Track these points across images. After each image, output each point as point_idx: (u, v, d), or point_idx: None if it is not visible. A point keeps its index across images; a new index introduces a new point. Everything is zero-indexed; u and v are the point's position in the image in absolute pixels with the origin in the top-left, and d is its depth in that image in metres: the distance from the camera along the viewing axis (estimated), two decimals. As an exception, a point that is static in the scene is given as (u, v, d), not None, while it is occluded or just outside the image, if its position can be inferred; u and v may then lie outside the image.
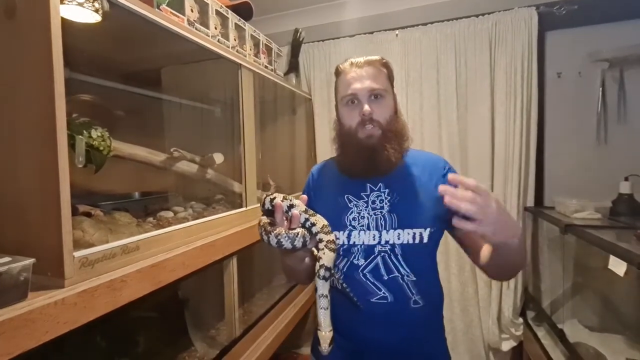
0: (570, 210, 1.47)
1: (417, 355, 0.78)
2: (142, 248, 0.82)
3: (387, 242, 0.77)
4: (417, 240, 0.76)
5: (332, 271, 0.66)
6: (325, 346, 0.62)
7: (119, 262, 0.76)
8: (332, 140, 0.87)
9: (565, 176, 1.73)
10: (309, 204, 0.70)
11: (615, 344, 1.36)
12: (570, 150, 1.73)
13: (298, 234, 0.63)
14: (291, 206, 0.65)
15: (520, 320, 1.74)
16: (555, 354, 1.40)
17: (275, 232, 0.63)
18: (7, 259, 0.57)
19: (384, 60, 0.83)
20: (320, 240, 0.65)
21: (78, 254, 0.66)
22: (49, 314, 0.58)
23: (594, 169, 1.68)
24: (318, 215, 0.67)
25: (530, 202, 1.72)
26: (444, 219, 0.75)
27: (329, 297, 0.64)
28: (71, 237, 0.64)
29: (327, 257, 0.63)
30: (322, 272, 0.63)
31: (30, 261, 0.58)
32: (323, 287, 0.64)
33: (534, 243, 1.78)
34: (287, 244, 0.62)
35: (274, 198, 0.66)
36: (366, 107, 0.77)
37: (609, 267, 1.04)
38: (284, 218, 0.66)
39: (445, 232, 0.82)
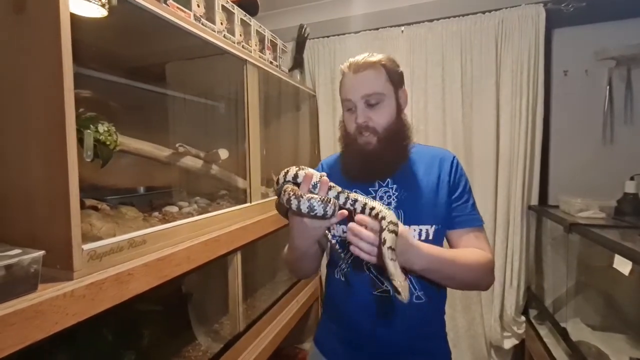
0: (574, 209, 1.47)
1: (418, 350, 0.78)
2: (148, 242, 0.83)
3: None
4: (422, 237, 0.76)
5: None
6: (406, 293, 0.56)
7: (126, 256, 0.77)
8: (338, 139, 0.88)
9: (570, 175, 1.73)
10: None
11: (618, 343, 1.36)
12: (575, 149, 1.72)
13: (330, 200, 0.59)
14: (317, 182, 0.63)
15: (523, 318, 1.74)
16: (557, 352, 1.40)
17: (307, 196, 0.59)
18: (17, 251, 0.58)
19: (383, 62, 0.79)
20: (383, 218, 0.59)
21: (87, 247, 0.67)
22: (58, 306, 0.59)
23: (600, 168, 1.67)
24: (351, 192, 0.65)
25: (535, 200, 1.71)
26: (444, 218, 0.78)
27: None
28: (80, 230, 0.65)
29: (390, 239, 0.57)
30: (389, 253, 0.57)
31: (40, 253, 0.59)
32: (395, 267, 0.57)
33: (537, 242, 1.77)
34: (319, 210, 0.58)
35: (302, 169, 0.64)
36: (360, 119, 0.77)
37: (614, 266, 1.03)
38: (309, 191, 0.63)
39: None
